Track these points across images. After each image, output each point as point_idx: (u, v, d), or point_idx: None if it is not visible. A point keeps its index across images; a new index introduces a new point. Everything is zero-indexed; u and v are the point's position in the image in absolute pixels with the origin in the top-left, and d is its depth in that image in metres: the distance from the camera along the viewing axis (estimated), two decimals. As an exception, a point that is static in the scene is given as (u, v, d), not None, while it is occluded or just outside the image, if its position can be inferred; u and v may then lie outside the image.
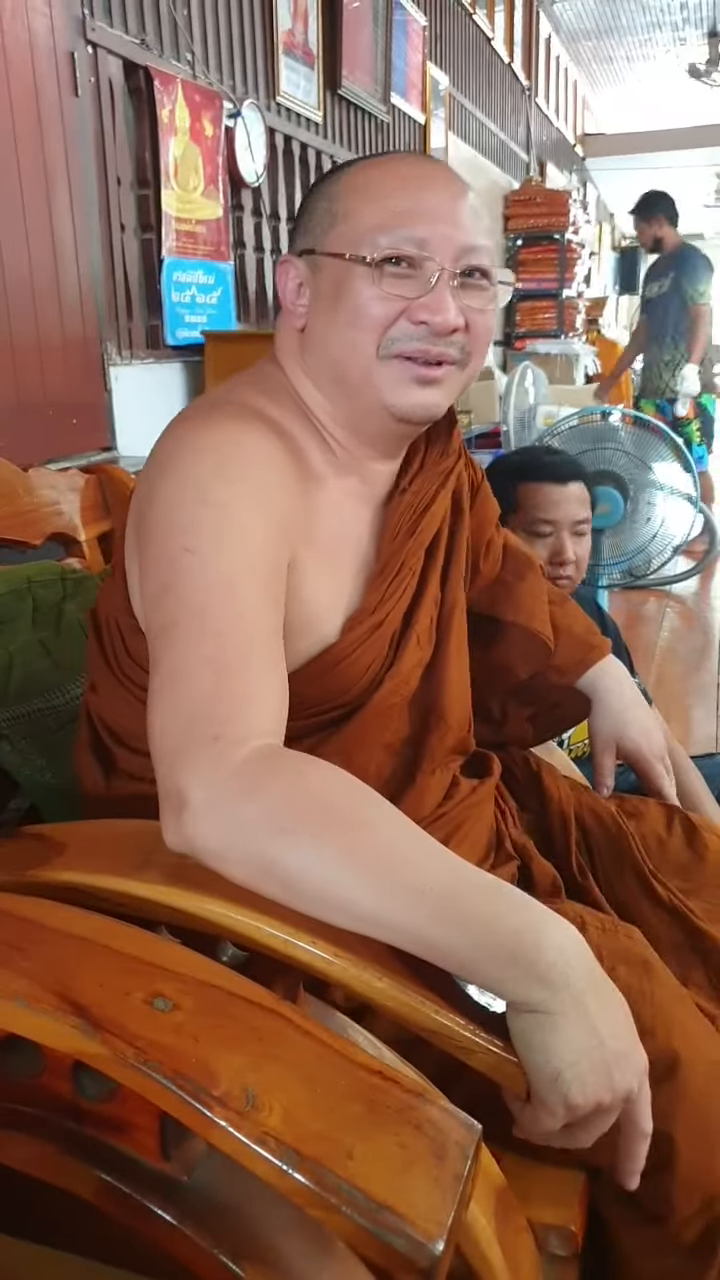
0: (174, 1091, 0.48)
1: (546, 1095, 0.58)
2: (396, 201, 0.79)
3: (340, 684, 0.83)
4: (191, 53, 2.93)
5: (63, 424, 2.44)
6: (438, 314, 0.78)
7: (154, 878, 0.64)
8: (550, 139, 8.65)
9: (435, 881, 0.61)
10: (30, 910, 0.59)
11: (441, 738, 0.90)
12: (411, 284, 0.79)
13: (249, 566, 0.72)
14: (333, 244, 0.81)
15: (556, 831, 1.05)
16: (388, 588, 0.85)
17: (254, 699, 0.67)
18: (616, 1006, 0.61)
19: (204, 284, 3.02)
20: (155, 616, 0.72)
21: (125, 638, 0.84)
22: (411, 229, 0.78)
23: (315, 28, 3.68)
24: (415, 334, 0.79)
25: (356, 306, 0.79)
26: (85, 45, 2.45)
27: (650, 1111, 0.62)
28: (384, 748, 0.87)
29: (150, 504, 0.76)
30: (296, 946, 0.60)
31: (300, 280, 0.84)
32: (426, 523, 0.89)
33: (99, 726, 0.87)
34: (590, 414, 4.01)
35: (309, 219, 0.84)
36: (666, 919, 0.96)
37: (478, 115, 6.25)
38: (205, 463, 0.75)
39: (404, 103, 4.69)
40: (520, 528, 1.55)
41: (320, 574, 0.81)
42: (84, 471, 1.27)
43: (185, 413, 0.82)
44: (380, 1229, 0.44)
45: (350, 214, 0.80)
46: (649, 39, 8.57)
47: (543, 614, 1.11)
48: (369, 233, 0.79)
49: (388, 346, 0.79)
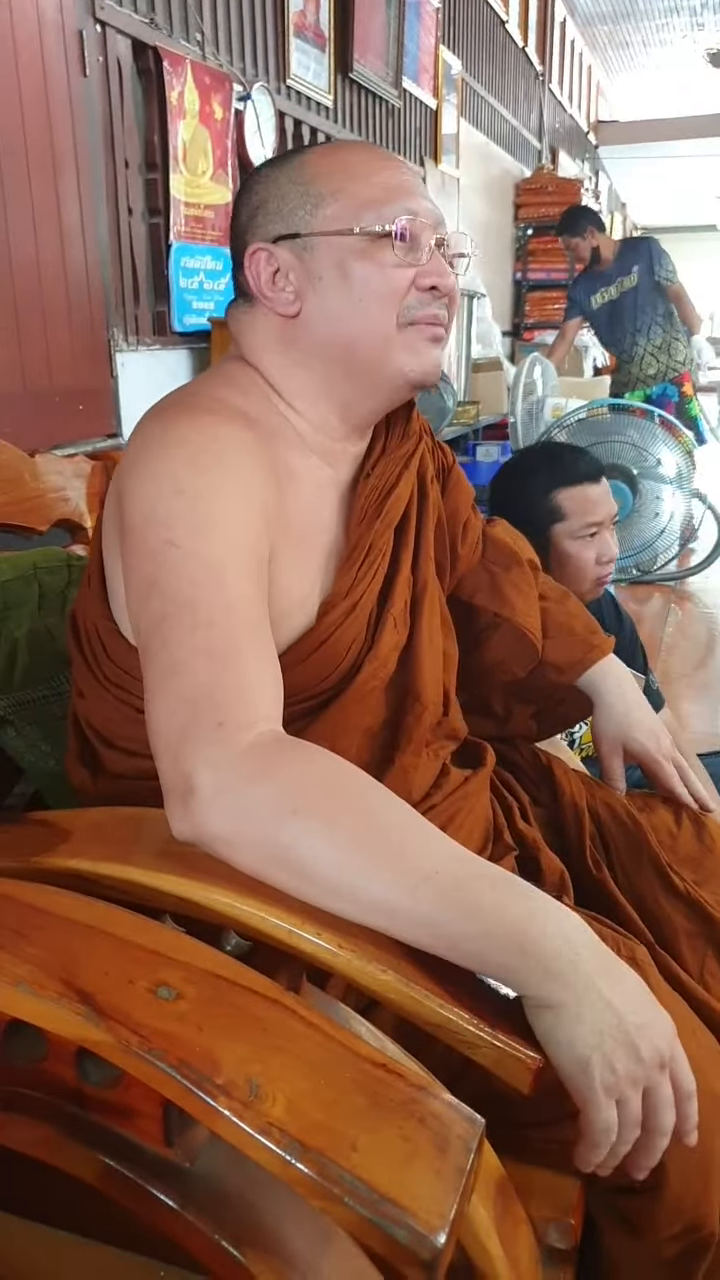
0: (178, 1080, 0.48)
1: (583, 1085, 0.59)
2: (381, 177, 0.82)
3: (320, 670, 0.83)
4: (201, 33, 2.90)
5: (69, 410, 2.44)
6: (445, 277, 0.83)
7: (159, 865, 0.64)
8: (563, 126, 8.58)
9: (442, 868, 0.61)
10: (34, 896, 0.60)
11: (418, 718, 0.90)
12: (415, 253, 0.81)
13: (233, 555, 0.72)
14: (327, 223, 0.81)
15: (569, 825, 1.05)
16: (358, 571, 0.86)
17: (251, 686, 0.67)
18: (629, 981, 0.62)
19: (211, 270, 3.01)
20: (144, 613, 0.72)
21: (105, 642, 0.83)
22: (403, 199, 0.82)
23: (327, 8, 3.64)
24: (425, 300, 0.82)
25: (370, 280, 0.81)
26: (94, 24, 2.43)
27: (690, 1071, 0.62)
28: (363, 732, 0.87)
29: (127, 502, 0.76)
30: (301, 937, 0.60)
31: (278, 267, 0.83)
32: (392, 505, 0.90)
33: (88, 731, 0.87)
34: (598, 407, 3.99)
35: (280, 204, 0.83)
36: (683, 909, 0.97)
37: (490, 101, 6.20)
38: (177, 455, 0.75)
39: (415, 87, 4.66)
40: (568, 536, 1.54)
41: (295, 563, 0.82)
42: (90, 458, 1.27)
43: (153, 411, 0.82)
44: (383, 1220, 0.44)
45: (339, 193, 0.81)
46: (666, 24, 8.48)
47: (530, 610, 1.10)
48: (365, 207, 0.80)
49: (405, 315, 0.82)
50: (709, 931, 0.96)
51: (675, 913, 0.97)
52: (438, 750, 0.93)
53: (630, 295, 4.61)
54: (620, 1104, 0.59)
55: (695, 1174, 0.71)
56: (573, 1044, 0.58)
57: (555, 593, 1.17)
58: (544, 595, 1.15)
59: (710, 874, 1.05)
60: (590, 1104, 0.59)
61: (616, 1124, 0.59)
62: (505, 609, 1.09)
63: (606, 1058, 0.58)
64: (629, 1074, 0.59)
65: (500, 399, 5.12)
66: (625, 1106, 0.59)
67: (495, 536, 1.13)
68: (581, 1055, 0.58)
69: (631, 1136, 0.60)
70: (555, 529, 1.54)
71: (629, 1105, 0.59)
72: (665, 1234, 0.72)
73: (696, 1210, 0.71)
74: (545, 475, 1.55)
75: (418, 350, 0.83)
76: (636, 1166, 0.62)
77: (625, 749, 1.11)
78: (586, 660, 1.12)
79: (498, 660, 1.10)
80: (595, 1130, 0.59)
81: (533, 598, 1.12)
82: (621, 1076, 0.59)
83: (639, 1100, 0.60)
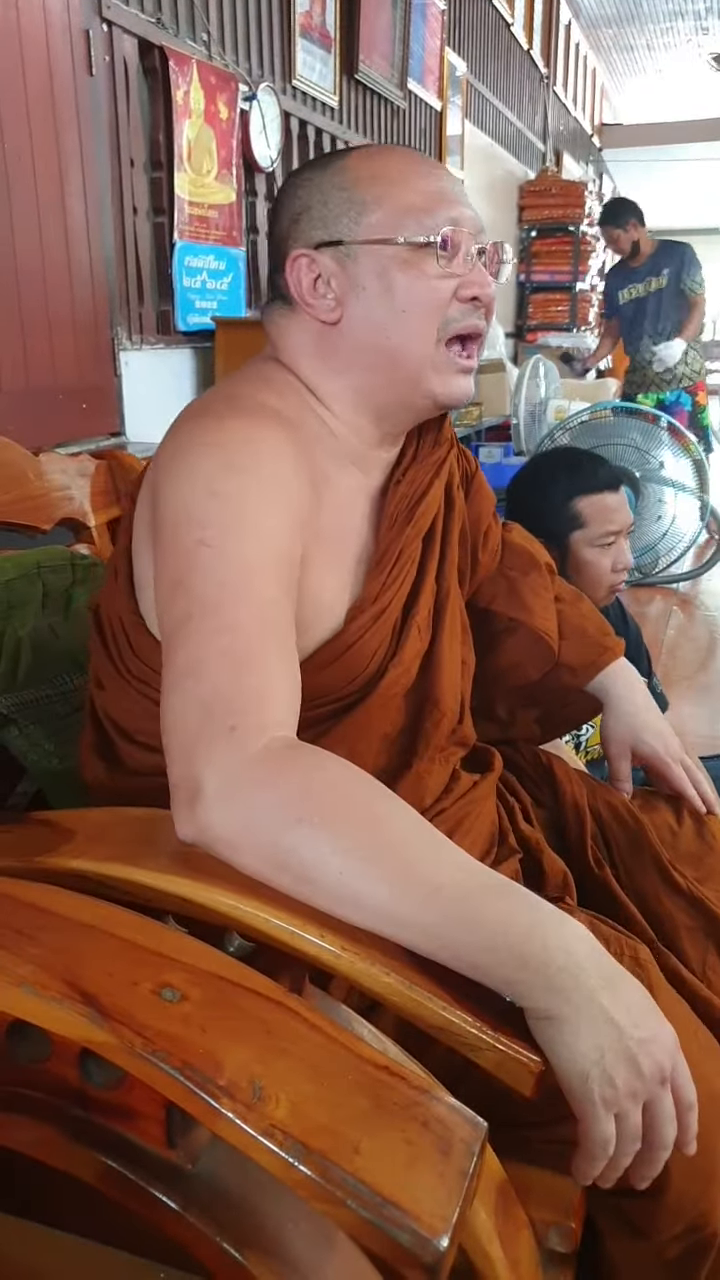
0: (181, 1082, 0.48)
1: (582, 1099, 0.59)
2: (424, 184, 0.81)
3: (345, 674, 0.83)
4: (207, 33, 2.90)
5: (73, 409, 2.44)
6: (486, 287, 0.83)
7: (162, 866, 0.64)
8: (568, 129, 8.59)
9: (448, 879, 0.61)
10: (38, 896, 0.59)
11: (436, 724, 0.90)
12: (457, 263, 0.81)
13: (264, 559, 0.72)
14: (369, 231, 0.81)
15: (571, 824, 1.05)
16: (388, 576, 0.86)
17: (269, 692, 0.67)
18: (633, 994, 0.61)
19: (215, 269, 3.01)
20: (169, 610, 0.71)
21: (130, 636, 0.83)
22: (446, 208, 0.81)
23: (333, 9, 3.65)
24: (466, 311, 0.82)
25: (414, 290, 0.80)
26: (100, 23, 2.43)
27: (692, 1082, 0.62)
28: (382, 737, 0.87)
29: (161, 501, 0.76)
30: (304, 939, 0.60)
31: (319, 274, 0.83)
32: (422, 511, 0.90)
33: (105, 723, 0.87)
34: (602, 409, 3.99)
35: (323, 210, 0.83)
36: (685, 906, 0.98)
37: (495, 103, 6.20)
38: (214, 456, 0.75)
39: (421, 89, 4.66)
40: (586, 543, 1.55)
41: (326, 567, 0.82)
42: (94, 456, 1.27)
43: (191, 411, 0.82)
44: (385, 1224, 0.44)
45: (382, 200, 0.81)
46: (670, 27, 8.49)
47: (547, 613, 1.11)
48: (408, 215, 0.80)
49: (445, 329, 0.82)
50: (710, 928, 0.97)
51: (677, 910, 0.98)
52: (449, 756, 0.94)
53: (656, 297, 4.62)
54: (619, 1118, 0.59)
55: (697, 1175, 0.71)
56: (573, 1057, 0.58)
57: (569, 595, 1.17)
58: (559, 598, 1.15)
59: (711, 871, 1.05)
60: (589, 1117, 0.59)
61: (614, 1138, 0.59)
62: (523, 613, 1.09)
63: (606, 1072, 0.58)
64: (629, 1088, 0.59)
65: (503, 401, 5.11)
66: (624, 1121, 0.59)
67: (513, 542, 1.14)
68: (581, 1069, 0.58)
69: (631, 1150, 0.60)
70: (574, 536, 1.55)
71: (628, 1120, 0.59)
72: (667, 1235, 0.72)
73: (698, 1210, 0.71)
74: (566, 483, 1.56)
75: (447, 378, 0.84)
76: (638, 1177, 0.62)
77: (634, 751, 1.11)
78: (600, 662, 1.12)
79: (512, 663, 1.10)
80: (593, 1143, 0.59)
81: (549, 601, 1.12)
82: (621, 1091, 0.59)
83: (639, 1115, 0.60)
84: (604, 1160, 0.59)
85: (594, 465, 1.59)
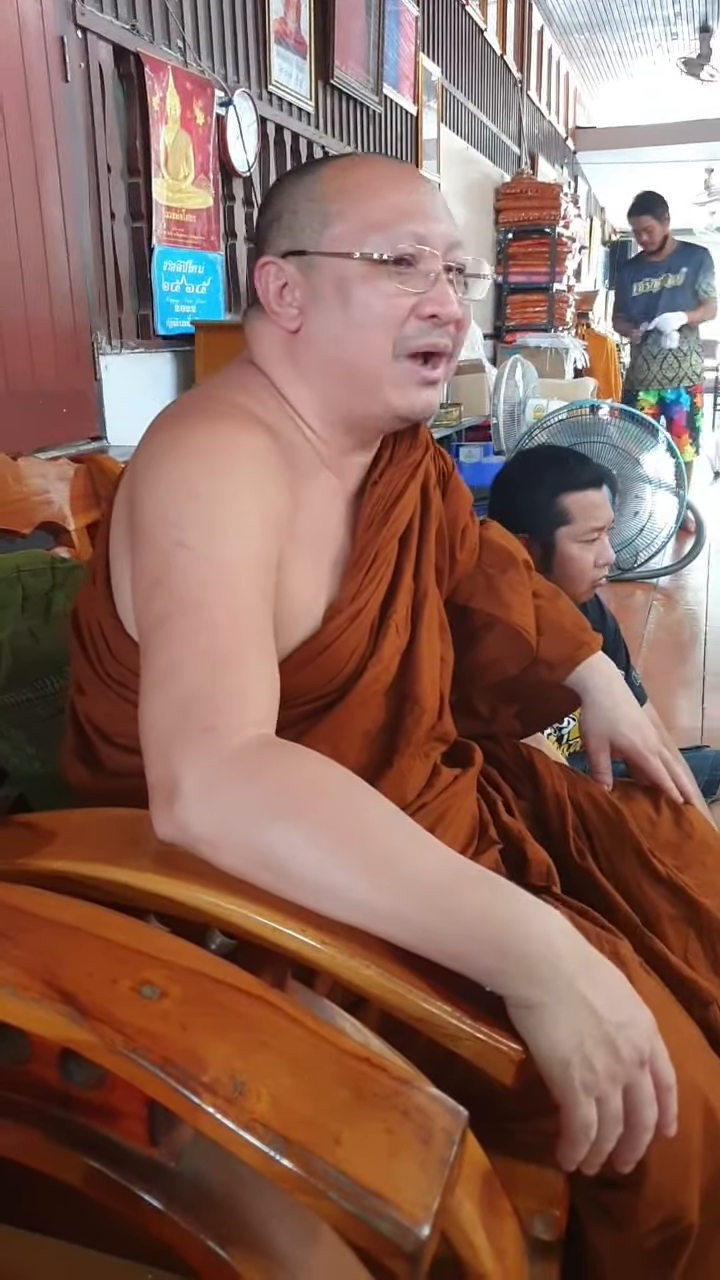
0: (162, 1079, 0.48)
1: (563, 1085, 0.59)
2: (392, 199, 0.80)
3: (324, 674, 0.83)
4: (183, 39, 2.91)
5: (52, 413, 2.43)
6: (445, 306, 0.81)
7: (143, 866, 0.64)
8: (542, 132, 8.64)
9: (427, 871, 0.61)
10: (18, 898, 0.59)
11: (417, 721, 0.91)
12: (417, 280, 0.80)
13: (243, 560, 0.72)
14: (331, 243, 0.81)
15: (553, 816, 1.06)
16: (364, 577, 0.86)
17: (248, 692, 0.67)
18: (610, 979, 0.62)
19: (194, 274, 3.01)
20: (147, 611, 0.71)
21: (109, 639, 0.84)
22: (410, 223, 0.80)
23: (308, 16, 3.66)
24: (424, 328, 0.81)
25: (369, 305, 0.80)
26: (75, 30, 2.43)
27: (670, 1064, 0.63)
28: (363, 735, 0.88)
29: (140, 503, 0.76)
30: (284, 934, 0.60)
31: (285, 282, 0.83)
32: (398, 513, 0.91)
33: (86, 726, 0.87)
34: (579, 408, 4.02)
35: (292, 219, 0.83)
36: (666, 894, 0.99)
37: (470, 107, 6.24)
38: (193, 459, 0.75)
39: (396, 93, 4.68)
40: (571, 539, 1.57)
41: (303, 569, 0.82)
42: (74, 461, 1.27)
43: (170, 413, 0.82)
44: (367, 1214, 0.44)
45: (346, 214, 0.81)
46: (641, 33, 8.57)
47: (525, 609, 1.12)
48: (370, 230, 0.79)
49: (401, 344, 0.81)
50: (691, 915, 0.98)
51: (658, 897, 0.99)
52: (430, 752, 0.94)
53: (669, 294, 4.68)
54: (600, 1102, 0.60)
55: (674, 1166, 0.72)
56: (553, 1045, 0.59)
57: (547, 591, 1.18)
58: (537, 594, 1.16)
59: (690, 859, 1.07)
60: (570, 1102, 0.59)
61: (596, 1122, 0.60)
62: (501, 609, 1.10)
63: (586, 1057, 0.59)
64: (609, 1072, 0.59)
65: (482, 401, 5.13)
66: (606, 1105, 0.60)
67: (491, 540, 1.14)
68: (562, 1056, 0.59)
69: (613, 1134, 0.61)
70: (560, 532, 1.57)
71: (609, 1103, 0.60)
72: (645, 1227, 0.72)
73: (675, 1202, 0.72)
74: (553, 480, 1.59)
75: (406, 391, 0.83)
76: (621, 1161, 0.63)
77: (612, 744, 1.12)
78: (576, 657, 1.13)
79: (491, 659, 1.11)
80: (575, 1128, 0.60)
81: (527, 597, 1.13)
82: (601, 1075, 0.59)
83: (619, 1098, 0.60)
84: (587, 1144, 0.60)
85: (579, 463, 1.61)
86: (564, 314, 7.12)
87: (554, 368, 6.08)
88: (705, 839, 1.10)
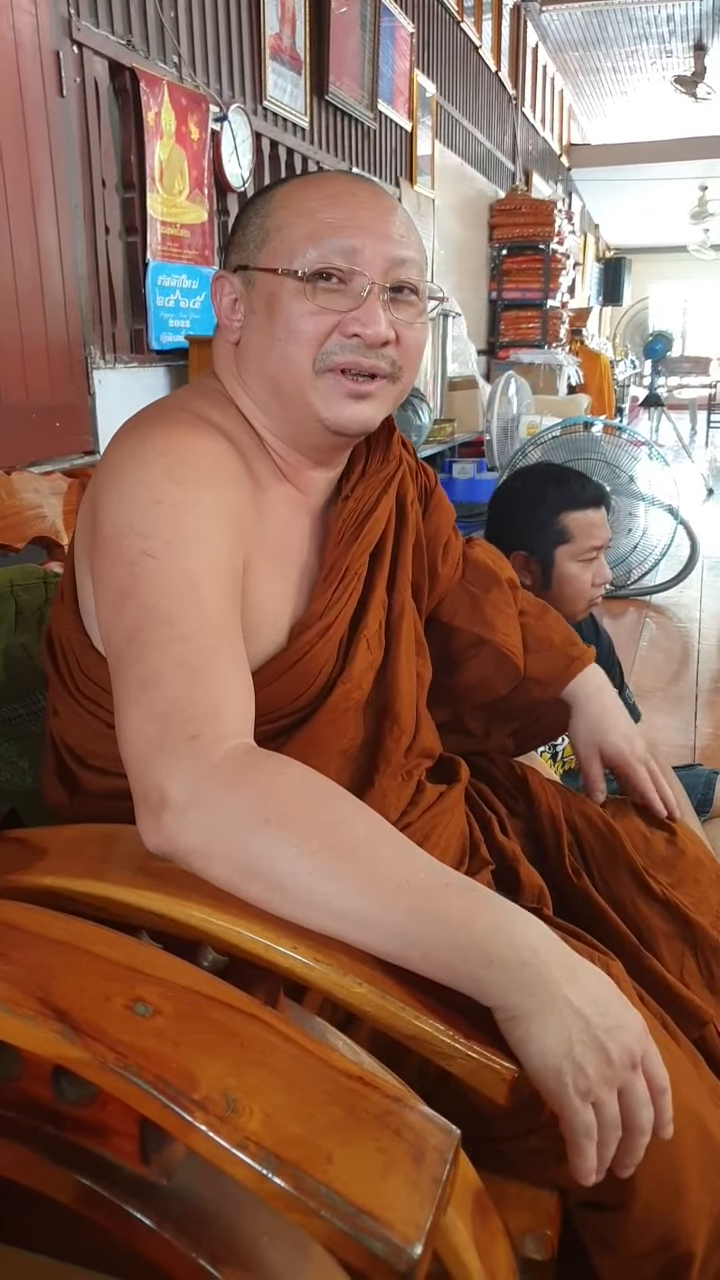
0: (154, 1096, 0.48)
1: (557, 1093, 0.59)
2: (326, 215, 0.80)
3: (293, 689, 0.83)
4: (178, 55, 2.93)
5: (46, 427, 2.44)
6: (369, 326, 0.79)
7: (135, 881, 0.64)
8: (536, 149, 8.71)
9: (413, 878, 0.61)
10: (10, 914, 0.59)
11: (397, 740, 0.91)
12: (342, 298, 0.80)
13: (210, 567, 0.72)
14: (265, 259, 0.81)
15: (547, 835, 1.06)
16: (333, 593, 0.86)
17: (225, 700, 0.67)
18: (597, 983, 0.62)
19: (188, 288, 3.02)
20: (117, 624, 0.71)
21: (79, 657, 0.83)
22: (341, 239, 0.79)
23: (303, 32, 3.69)
24: (348, 346, 0.80)
25: (290, 321, 0.80)
26: (71, 45, 2.44)
27: (663, 1066, 0.63)
28: (341, 754, 0.88)
29: (102, 512, 0.75)
30: (277, 951, 0.60)
31: (234, 296, 0.84)
32: (369, 528, 0.90)
33: (62, 750, 0.87)
34: (573, 425, 4.04)
35: (242, 235, 0.84)
36: (660, 912, 0.99)
37: (464, 124, 6.29)
38: (154, 465, 0.75)
39: (391, 110, 4.71)
40: (571, 558, 1.57)
41: (269, 578, 0.82)
42: (67, 475, 1.27)
43: (130, 423, 0.82)
44: (359, 1233, 0.44)
45: (281, 228, 0.81)
46: (635, 50, 8.65)
47: (510, 628, 1.11)
48: (299, 244, 0.79)
49: (323, 360, 0.80)
50: (685, 932, 0.98)
51: (653, 915, 0.99)
52: (413, 769, 0.94)
53: None
54: (597, 1107, 0.60)
55: (664, 1188, 0.71)
56: (543, 1053, 0.59)
57: (534, 607, 1.18)
58: (524, 611, 1.16)
59: (683, 876, 1.07)
60: (567, 1109, 0.59)
61: (595, 1126, 0.60)
62: (486, 629, 1.09)
63: (577, 1063, 0.59)
64: (601, 1077, 0.59)
65: (476, 417, 5.16)
66: (603, 1109, 0.60)
67: (475, 557, 1.14)
68: (553, 1064, 0.59)
69: (612, 1138, 0.61)
70: (559, 551, 1.57)
71: (606, 1108, 0.60)
72: (636, 1250, 0.72)
73: (666, 1225, 0.71)
74: (553, 498, 1.59)
75: (331, 401, 0.82)
76: (620, 1166, 0.62)
77: (601, 752, 1.12)
78: (568, 673, 1.13)
79: (479, 680, 1.11)
80: (576, 1134, 0.60)
81: (513, 617, 1.13)
82: (594, 1080, 0.59)
83: (615, 1102, 0.60)
84: (592, 1150, 0.60)
85: (580, 482, 1.62)
86: (558, 330, 7.17)
87: (547, 384, 6.12)
88: (698, 856, 1.10)
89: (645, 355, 10.05)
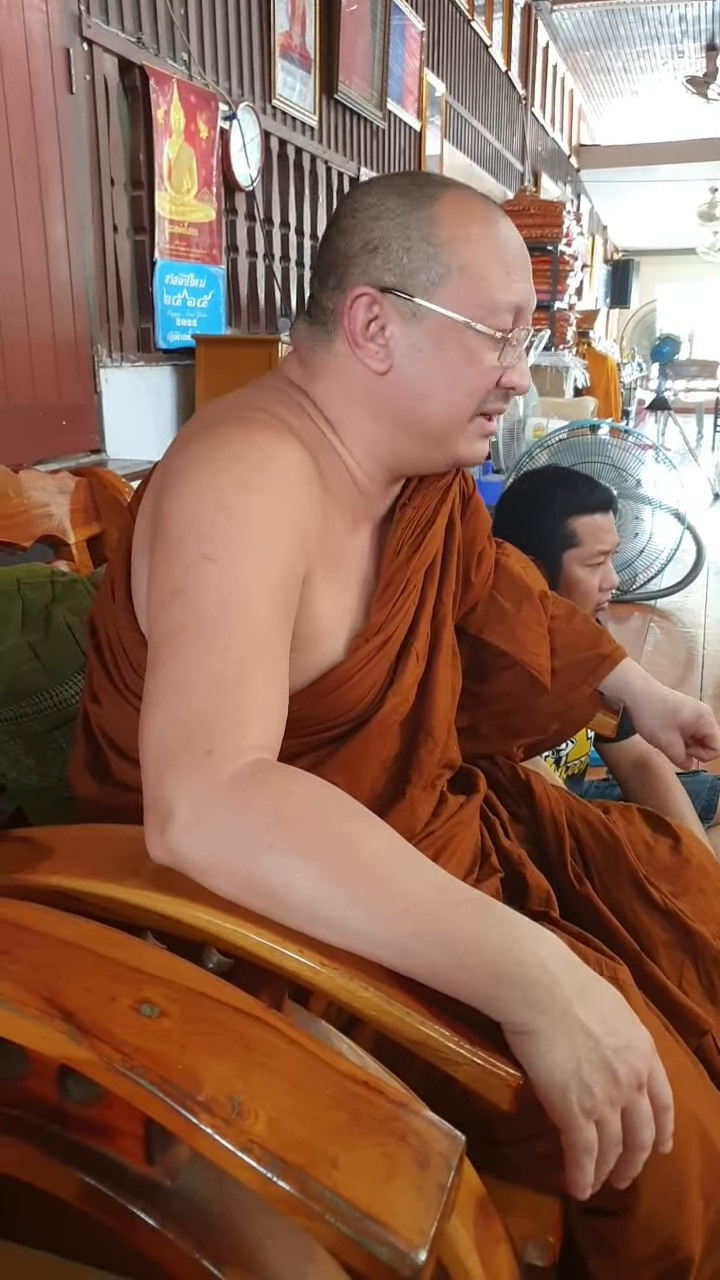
0: (160, 1098, 0.48)
1: (563, 1110, 0.59)
2: (515, 272, 0.80)
3: (345, 702, 0.83)
4: (188, 52, 2.93)
5: (52, 426, 2.44)
6: (524, 379, 0.84)
7: (141, 883, 0.64)
8: (545, 149, 8.70)
9: (420, 898, 0.61)
10: (16, 914, 0.59)
11: (430, 752, 0.91)
12: (509, 353, 0.82)
13: (266, 582, 0.71)
14: (446, 300, 0.78)
15: (550, 839, 1.06)
16: (393, 606, 0.85)
17: (253, 716, 0.66)
18: (607, 1002, 0.62)
19: (195, 287, 3.02)
20: (162, 619, 0.70)
21: (128, 651, 0.82)
22: (521, 299, 0.81)
23: (313, 30, 3.69)
24: (500, 396, 0.83)
25: (465, 372, 0.80)
26: (81, 42, 2.45)
27: (668, 1084, 0.63)
28: (380, 764, 0.87)
29: (169, 511, 0.74)
30: (283, 955, 0.60)
31: (375, 317, 0.79)
32: (429, 539, 0.90)
33: (100, 738, 0.87)
34: (579, 428, 4.04)
35: (404, 255, 0.78)
36: (660, 920, 0.99)
37: (474, 123, 6.28)
38: (233, 470, 0.74)
39: (400, 109, 4.71)
40: (579, 562, 1.57)
41: (330, 590, 0.81)
42: (74, 474, 1.27)
43: (203, 422, 0.80)
44: (363, 1237, 0.44)
45: (467, 270, 0.78)
46: (647, 50, 8.64)
47: (540, 649, 1.11)
48: (488, 300, 0.78)
49: (479, 408, 0.83)
50: (686, 942, 0.98)
51: (653, 924, 0.99)
52: (437, 780, 0.94)
53: None
54: (600, 1125, 0.60)
55: (667, 1194, 0.71)
56: (551, 1070, 0.59)
57: (562, 609, 1.18)
58: (553, 616, 1.16)
59: (687, 884, 1.07)
60: (571, 1127, 0.59)
61: (597, 1144, 0.60)
62: (517, 649, 1.09)
63: (584, 1083, 0.58)
64: (607, 1097, 0.59)
65: (482, 417, 5.14)
66: (605, 1128, 0.60)
67: (508, 567, 1.12)
68: (560, 1081, 0.58)
69: (613, 1155, 0.61)
70: (567, 555, 1.57)
71: (609, 1127, 0.60)
72: (638, 1255, 0.72)
73: (668, 1232, 0.71)
74: (562, 502, 1.58)
75: (472, 442, 0.85)
76: (618, 1178, 0.62)
77: (681, 729, 1.14)
78: (598, 673, 1.15)
79: (504, 693, 1.11)
80: (576, 1151, 0.60)
81: (543, 636, 1.12)
82: (600, 1099, 0.59)
83: (618, 1121, 0.60)
84: (591, 1167, 0.60)
85: (590, 486, 1.61)
86: (565, 332, 7.15)
87: (554, 386, 6.11)
88: (703, 864, 1.10)
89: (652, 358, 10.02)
